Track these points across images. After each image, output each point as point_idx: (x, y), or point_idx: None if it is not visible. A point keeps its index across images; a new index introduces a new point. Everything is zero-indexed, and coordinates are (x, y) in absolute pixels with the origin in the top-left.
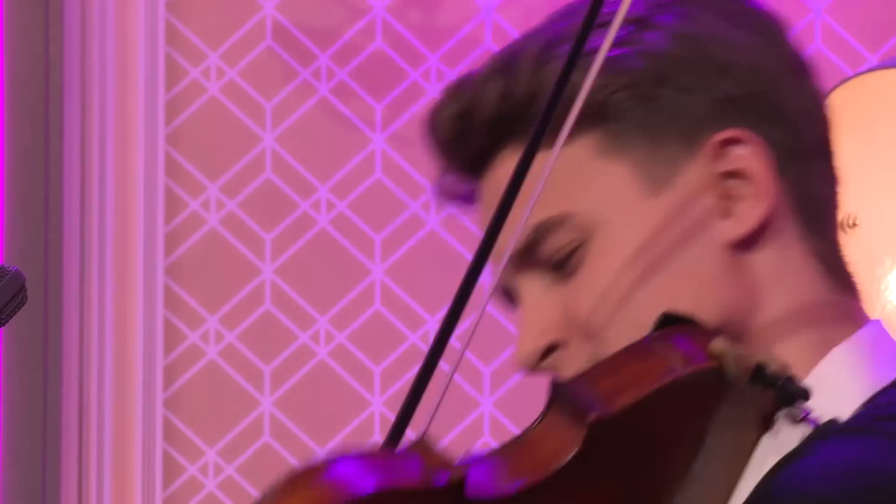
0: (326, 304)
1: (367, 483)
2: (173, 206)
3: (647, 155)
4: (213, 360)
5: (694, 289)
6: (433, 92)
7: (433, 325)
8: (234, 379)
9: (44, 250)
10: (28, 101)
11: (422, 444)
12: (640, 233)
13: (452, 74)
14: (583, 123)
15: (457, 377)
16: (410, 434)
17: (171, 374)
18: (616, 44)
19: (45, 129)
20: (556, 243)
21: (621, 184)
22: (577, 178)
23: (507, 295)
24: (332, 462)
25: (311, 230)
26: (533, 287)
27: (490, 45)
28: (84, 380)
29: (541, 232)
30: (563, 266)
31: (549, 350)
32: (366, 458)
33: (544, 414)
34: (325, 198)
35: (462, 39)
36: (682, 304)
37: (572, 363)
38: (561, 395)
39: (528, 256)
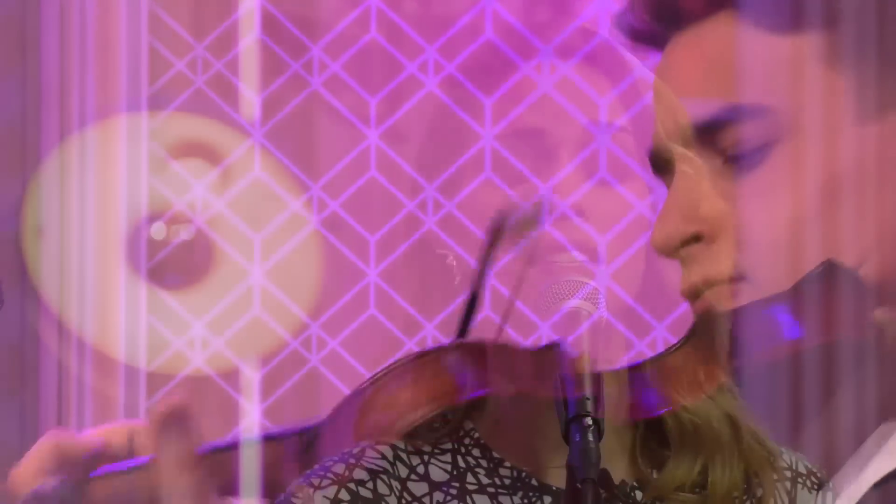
0: (318, 308)
1: None
2: (158, 205)
3: (873, 80)
4: (199, 368)
5: (872, 234)
6: (430, 85)
7: (430, 330)
8: (221, 387)
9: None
10: (3, 97)
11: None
12: (835, 156)
13: (451, 67)
14: (814, 20)
15: None
16: None
17: (154, 382)
18: None
19: (22, 125)
20: (744, 132)
21: (837, 99)
22: (794, 76)
23: (658, 164)
24: None
25: (302, 231)
26: (696, 168)
27: (490, 35)
28: (63, 387)
29: (735, 114)
30: (738, 160)
31: (693, 239)
32: None
33: None
34: (316, 196)
35: (461, 30)
36: (852, 248)
37: (711, 263)
38: None
39: (707, 134)
